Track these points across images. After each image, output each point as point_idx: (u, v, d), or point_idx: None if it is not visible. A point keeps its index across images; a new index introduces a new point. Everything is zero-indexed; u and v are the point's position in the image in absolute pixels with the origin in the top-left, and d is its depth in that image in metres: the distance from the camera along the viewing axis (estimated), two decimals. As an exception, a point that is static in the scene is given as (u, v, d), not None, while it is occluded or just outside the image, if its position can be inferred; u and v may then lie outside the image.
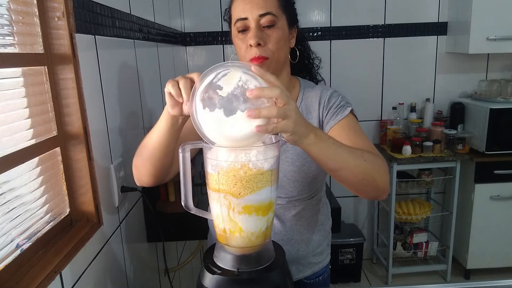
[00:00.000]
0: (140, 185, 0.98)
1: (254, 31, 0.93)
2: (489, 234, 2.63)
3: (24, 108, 0.82)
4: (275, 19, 0.94)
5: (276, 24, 0.94)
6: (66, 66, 0.92)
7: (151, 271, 1.54)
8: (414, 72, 2.82)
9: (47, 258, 0.82)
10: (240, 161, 0.67)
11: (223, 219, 0.71)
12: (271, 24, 0.93)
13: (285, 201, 1.03)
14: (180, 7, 2.61)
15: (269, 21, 0.93)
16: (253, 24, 0.93)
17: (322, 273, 1.15)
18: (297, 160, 1.00)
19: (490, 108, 2.46)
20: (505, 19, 2.45)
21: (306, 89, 1.06)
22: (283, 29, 0.96)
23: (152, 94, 1.65)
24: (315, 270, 1.12)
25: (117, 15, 1.25)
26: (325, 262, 1.15)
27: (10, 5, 0.78)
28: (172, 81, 0.74)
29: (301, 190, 1.03)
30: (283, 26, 0.96)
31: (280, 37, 0.95)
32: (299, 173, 1.00)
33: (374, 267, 3.04)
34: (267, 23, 0.93)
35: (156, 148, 0.85)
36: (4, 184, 0.74)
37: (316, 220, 1.10)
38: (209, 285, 0.70)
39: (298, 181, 1.01)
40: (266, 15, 0.92)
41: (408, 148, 2.54)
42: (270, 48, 0.94)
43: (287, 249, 1.03)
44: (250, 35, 0.93)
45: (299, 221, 1.06)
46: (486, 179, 2.55)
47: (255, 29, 0.93)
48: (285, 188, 1.02)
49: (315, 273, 1.12)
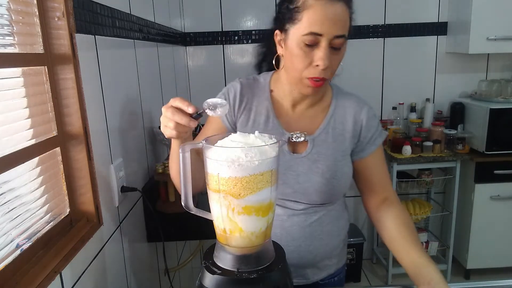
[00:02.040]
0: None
1: (326, 53, 0.86)
2: (489, 234, 2.63)
3: (24, 108, 0.82)
4: (344, 41, 0.88)
5: (342, 46, 0.89)
6: (66, 66, 0.92)
7: (151, 271, 1.54)
8: (414, 72, 2.82)
9: (47, 258, 0.82)
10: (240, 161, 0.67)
11: (223, 219, 0.71)
12: (340, 47, 0.88)
13: (307, 206, 1.01)
14: (180, 7, 2.61)
15: (340, 43, 0.87)
16: (325, 43, 0.86)
17: (337, 274, 1.12)
18: (327, 172, 0.98)
19: (490, 108, 2.46)
20: (505, 19, 2.45)
21: (338, 95, 1.04)
22: (344, 49, 0.91)
23: (152, 94, 1.65)
24: (331, 272, 1.09)
25: (117, 15, 1.25)
26: (341, 263, 1.13)
27: (10, 5, 0.78)
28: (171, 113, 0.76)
29: (325, 199, 1.01)
30: (345, 47, 0.91)
31: (341, 59, 0.91)
32: (327, 185, 0.98)
33: (374, 267, 3.04)
34: (337, 45, 0.87)
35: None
36: (4, 184, 0.74)
37: (336, 225, 1.07)
38: (209, 285, 0.70)
39: (324, 192, 0.99)
40: (341, 37, 0.86)
41: (408, 148, 2.53)
42: (331, 71, 0.90)
43: (305, 255, 1.02)
44: (321, 56, 0.86)
45: (319, 227, 1.03)
46: (486, 179, 2.55)
47: (327, 49, 0.86)
48: (310, 196, 0.99)
49: (331, 274, 1.10)
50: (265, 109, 1.01)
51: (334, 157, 0.99)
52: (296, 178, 0.98)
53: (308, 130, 1.01)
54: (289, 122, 1.01)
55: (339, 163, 1.00)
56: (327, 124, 1.01)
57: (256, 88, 1.03)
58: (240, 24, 2.70)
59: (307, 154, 0.99)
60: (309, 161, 0.99)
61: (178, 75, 2.40)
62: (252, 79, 1.05)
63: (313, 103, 1.02)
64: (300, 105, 1.02)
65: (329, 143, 1.00)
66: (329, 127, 1.01)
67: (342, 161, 1.00)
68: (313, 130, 1.01)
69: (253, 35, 2.71)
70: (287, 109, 1.02)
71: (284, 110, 1.02)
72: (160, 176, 1.43)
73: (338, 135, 1.01)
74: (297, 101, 1.01)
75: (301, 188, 0.98)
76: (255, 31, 2.70)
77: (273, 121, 1.00)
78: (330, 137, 1.00)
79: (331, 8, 0.84)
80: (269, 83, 1.04)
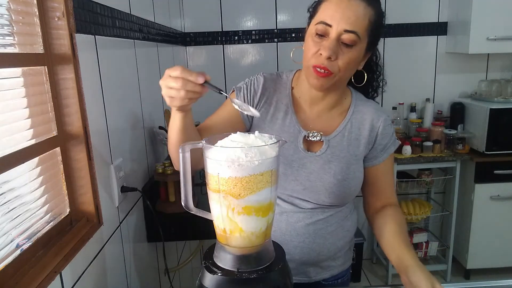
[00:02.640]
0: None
1: (332, 43, 0.87)
2: (489, 234, 2.63)
3: (24, 108, 0.82)
4: (357, 40, 0.88)
5: (355, 45, 0.88)
6: (66, 66, 0.92)
7: (151, 271, 1.54)
8: (414, 72, 2.82)
9: (47, 258, 0.82)
10: (240, 161, 0.66)
11: (223, 220, 0.71)
12: (350, 44, 0.88)
13: (315, 206, 1.01)
14: (180, 7, 2.61)
15: (350, 40, 0.87)
16: (334, 35, 0.87)
17: (341, 276, 1.12)
18: (339, 173, 0.99)
19: (490, 108, 2.46)
20: (505, 19, 2.45)
21: (358, 101, 1.05)
22: (360, 52, 0.91)
23: (152, 94, 1.65)
24: (334, 273, 1.09)
25: (117, 15, 1.25)
26: (345, 265, 1.12)
27: (10, 5, 0.78)
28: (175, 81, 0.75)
29: (334, 200, 1.01)
30: (360, 49, 0.91)
31: (353, 59, 0.90)
32: (338, 186, 0.99)
33: (374, 267, 3.04)
34: (347, 41, 0.87)
35: (178, 140, 0.86)
36: (4, 184, 0.74)
37: (342, 226, 1.06)
38: (209, 285, 0.70)
39: (334, 193, 0.99)
40: (351, 33, 0.86)
41: (408, 148, 2.54)
42: (339, 65, 0.89)
43: (308, 252, 1.02)
44: (325, 45, 0.87)
45: (324, 226, 1.02)
46: (486, 179, 2.55)
47: (334, 41, 0.87)
48: (319, 196, 0.99)
49: (334, 276, 1.09)
50: (285, 105, 1.02)
51: (347, 160, 1.00)
52: (307, 176, 0.99)
53: (324, 131, 1.01)
54: (307, 120, 1.02)
55: (352, 167, 1.00)
56: (344, 128, 1.02)
57: (278, 83, 1.05)
58: (240, 24, 2.70)
59: (321, 154, 1.00)
60: (322, 160, 0.99)
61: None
62: (276, 74, 1.07)
63: (331, 105, 1.02)
64: (318, 105, 1.02)
65: (344, 146, 1.01)
66: (346, 131, 1.02)
67: (355, 165, 1.01)
68: (330, 132, 1.02)
69: (253, 35, 2.71)
70: (306, 107, 1.03)
71: (303, 108, 1.03)
72: (160, 176, 1.43)
73: (353, 139, 1.02)
74: (315, 101, 1.02)
75: (311, 186, 0.99)
76: (255, 31, 2.70)
77: (291, 118, 1.01)
78: (345, 140, 1.01)
79: (347, 2, 0.87)
80: (291, 81, 1.05)
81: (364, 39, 0.90)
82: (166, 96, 0.77)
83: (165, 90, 0.76)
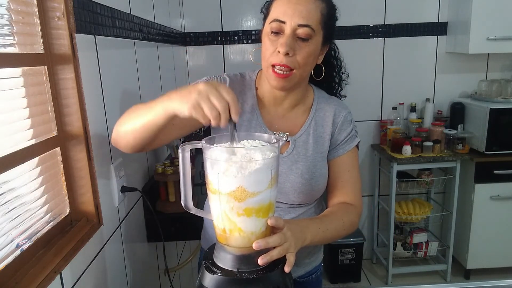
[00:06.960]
0: (115, 146, 0.94)
1: (288, 39, 0.88)
2: (489, 234, 2.63)
3: (24, 108, 0.82)
4: (312, 33, 0.89)
5: (311, 39, 0.90)
6: (66, 66, 0.91)
7: (151, 271, 1.54)
8: (414, 72, 2.82)
9: (47, 258, 0.82)
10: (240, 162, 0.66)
11: (223, 220, 0.71)
12: (306, 37, 0.89)
13: (286, 206, 1.02)
14: (180, 7, 2.61)
15: (305, 34, 0.88)
16: (289, 31, 0.88)
17: (315, 271, 1.15)
18: (307, 173, 0.99)
19: (490, 108, 2.46)
20: (505, 19, 2.45)
21: (320, 99, 1.05)
22: (316, 45, 0.92)
23: (152, 94, 1.65)
24: (308, 269, 1.12)
25: (117, 15, 1.25)
26: (318, 261, 1.15)
27: (10, 5, 0.78)
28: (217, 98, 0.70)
29: (304, 198, 1.02)
30: (317, 42, 0.92)
31: (311, 52, 0.91)
32: (306, 185, 1.00)
33: (374, 267, 3.04)
34: (303, 35, 0.88)
35: (145, 131, 0.82)
36: (4, 184, 0.74)
37: None
38: (209, 285, 0.70)
39: (303, 192, 1.00)
40: (305, 27, 0.88)
41: (408, 148, 2.53)
42: (298, 61, 0.90)
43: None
44: (282, 42, 0.88)
45: None
46: (486, 179, 2.55)
47: (289, 37, 0.88)
48: (289, 196, 1.00)
49: (308, 272, 1.12)
50: (250, 107, 1.02)
51: (313, 158, 1.01)
52: None
53: (290, 130, 1.02)
54: (272, 121, 1.02)
55: (318, 164, 1.01)
56: (308, 126, 1.02)
57: (242, 84, 1.04)
58: (240, 24, 2.70)
59: (288, 155, 1.00)
60: (290, 161, 1.00)
61: (178, 75, 2.40)
62: (239, 75, 1.06)
63: (294, 103, 1.03)
64: (282, 104, 1.02)
65: (310, 145, 1.02)
66: (310, 129, 1.02)
67: (321, 162, 1.02)
68: (295, 131, 1.02)
69: (253, 35, 2.71)
70: (270, 107, 1.03)
71: (267, 108, 1.03)
72: (160, 176, 1.43)
73: (318, 137, 1.03)
74: (278, 100, 1.02)
75: (280, 187, 0.99)
76: (255, 31, 2.70)
77: (258, 119, 1.01)
78: (311, 138, 1.02)
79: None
80: (255, 81, 1.05)
81: (318, 32, 0.91)
82: (204, 108, 0.70)
83: (205, 101, 0.70)
